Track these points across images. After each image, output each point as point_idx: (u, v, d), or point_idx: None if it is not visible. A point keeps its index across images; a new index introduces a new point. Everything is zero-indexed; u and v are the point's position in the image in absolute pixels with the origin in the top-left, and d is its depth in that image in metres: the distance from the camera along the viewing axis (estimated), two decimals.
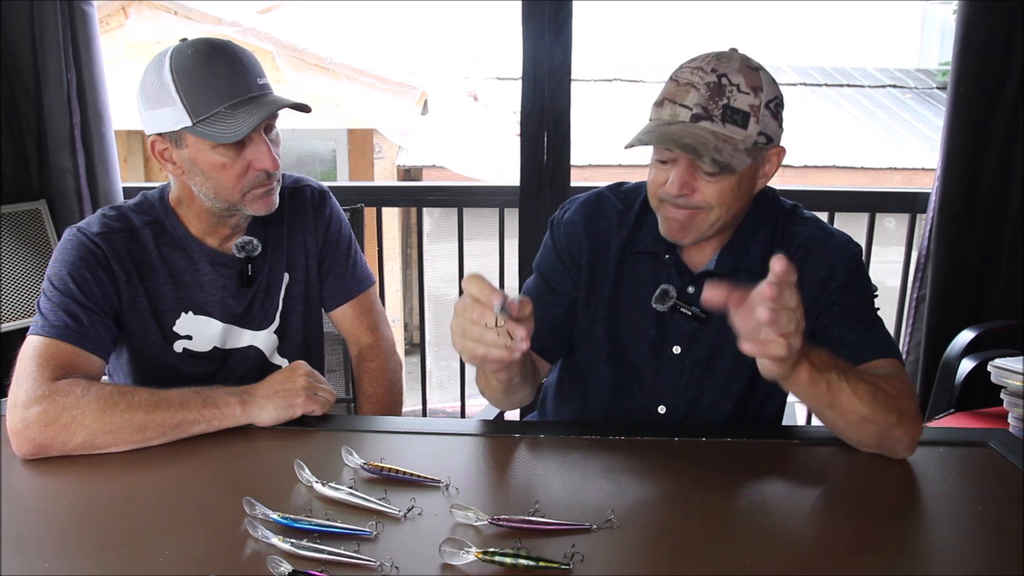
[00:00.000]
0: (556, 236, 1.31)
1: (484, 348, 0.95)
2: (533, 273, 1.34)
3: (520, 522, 0.89)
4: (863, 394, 1.02)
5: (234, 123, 1.17)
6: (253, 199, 1.25)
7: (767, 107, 1.12)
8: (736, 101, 1.10)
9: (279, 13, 6.17)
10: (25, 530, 0.90)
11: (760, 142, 1.12)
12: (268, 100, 1.21)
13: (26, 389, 1.09)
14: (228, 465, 1.06)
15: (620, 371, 1.27)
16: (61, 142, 2.24)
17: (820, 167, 6.04)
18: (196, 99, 1.17)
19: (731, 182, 1.13)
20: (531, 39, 2.20)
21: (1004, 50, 2.12)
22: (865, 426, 1.04)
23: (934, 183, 2.27)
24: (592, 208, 1.29)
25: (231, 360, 1.37)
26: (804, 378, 0.98)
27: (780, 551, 0.88)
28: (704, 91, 1.10)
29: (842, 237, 1.25)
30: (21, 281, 2.26)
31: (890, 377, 1.09)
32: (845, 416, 1.03)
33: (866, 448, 1.08)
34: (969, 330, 2.11)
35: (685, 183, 1.13)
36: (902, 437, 1.06)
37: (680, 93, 1.12)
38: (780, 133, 1.16)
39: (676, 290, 1.22)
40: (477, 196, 2.51)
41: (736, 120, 1.10)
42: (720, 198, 1.14)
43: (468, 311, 0.95)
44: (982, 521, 0.95)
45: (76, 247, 1.22)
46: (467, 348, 0.97)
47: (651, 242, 1.25)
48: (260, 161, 1.22)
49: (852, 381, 1.02)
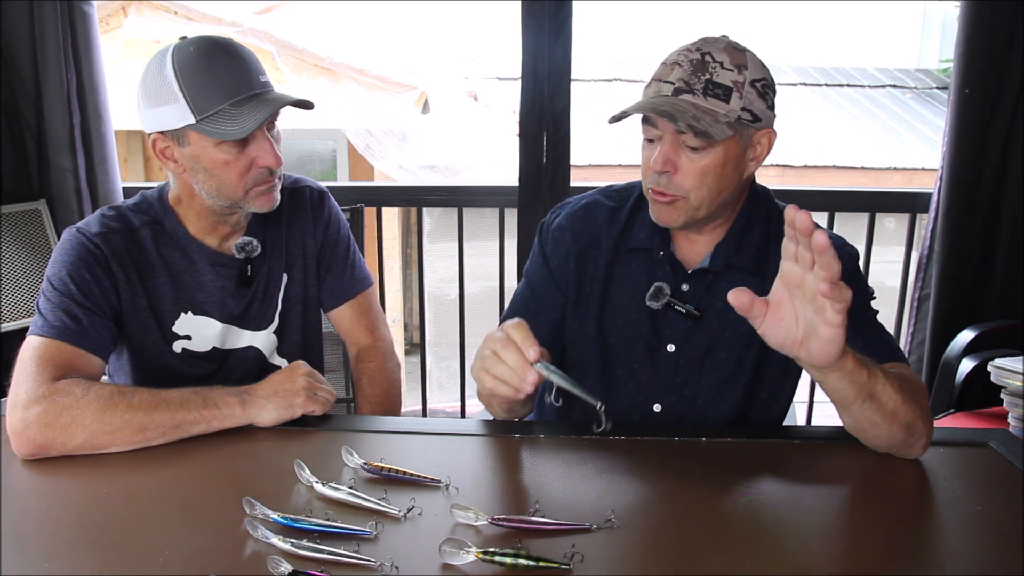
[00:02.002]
0: (544, 241, 1.32)
1: (492, 381, 1.01)
2: (522, 279, 1.35)
3: (520, 522, 0.89)
4: (897, 391, 1.01)
5: (239, 120, 1.17)
6: (256, 196, 1.25)
7: (752, 85, 1.12)
8: (719, 76, 1.11)
9: (279, 13, 6.16)
10: (25, 530, 0.90)
11: (745, 119, 1.12)
12: (271, 97, 1.21)
13: (26, 389, 1.09)
14: (228, 465, 1.06)
15: (614, 369, 1.27)
16: (61, 142, 2.24)
17: (820, 167, 6.04)
18: (199, 96, 1.17)
19: (715, 160, 1.13)
20: (531, 39, 2.20)
21: (1006, 50, 2.12)
22: (893, 423, 1.03)
23: (935, 183, 2.27)
24: (581, 211, 1.31)
25: (230, 360, 1.37)
26: (851, 364, 0.96)
27: (780, 551, 0.88)
28: (688, 67, 1.12)
29: (838, 240, 1.24)
30: (21, 281, 2.26)
31: (905, 373, 1.09)
32: (882, 407, 1.01)
33: (884, 447, 1.07)
34: (969, 330, 2.11)
35: (668, 160, 1.13)
36: (923, 432, 1.05)
37: (665, 72, 1.14)
38: (770, 116, 1.16)
39: (670, 287, 1.22)
40: (477, 196, 2.51)
41: (718, 94, 1.11)
42: (700, 178, 1.14)
43: (496, 344, 1.01)
44: (982, 521, 0.95)
45: (75, 247, 1.22)
46: (481, 377, 1.03)
47: (645, 238, 1.25)
48: (263, 158, 1.23)
49: (885, 376, 1.01)
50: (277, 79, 5.35)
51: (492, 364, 1.00)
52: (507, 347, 1.00)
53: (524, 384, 0.99)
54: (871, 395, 1.00)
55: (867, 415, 1.03)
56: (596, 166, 5.54)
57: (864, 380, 0.99)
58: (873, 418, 1.04)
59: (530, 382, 0.99)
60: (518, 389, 1.00)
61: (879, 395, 1.01)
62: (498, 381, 1.00)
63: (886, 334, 1.19)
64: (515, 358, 0.99)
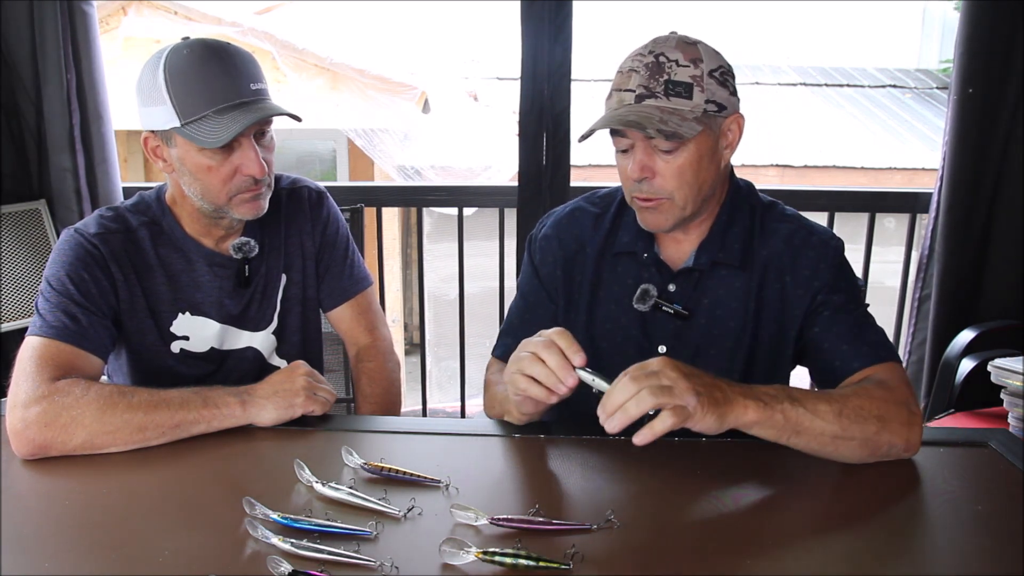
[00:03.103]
0: (532, 252, 1.34)
1: (526, 383, 1.03)
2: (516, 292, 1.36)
3: (520, 522, 0.89)
4: (826, 414, 1.01)
5: (219, 128, 1.17)
6: (239, 203, 1.25)
7: (711, 76, 1.13)
8: (676, 75, 1.11)
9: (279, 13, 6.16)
10: (25, 530, 0.90)
11: (710, 110, 1.13)
12: (257, 107, 1.20)
13: (25, 389, 1.09)
14: (228, 465, 1.06)
15: (607, 374, 1.27)
16: (61, 142, 2.24)
17: (820, 167, 6.04)
18: (185, 101, 1.17)
19: (690, 157, 1.13)
20: (530, 39, 2.19)
21: (1007, 50, 2.12)
22: (841, 443, 1.03)
23: (936, 183, 2.27)
24: (565, 219, 1.32)
25: (229, 361, 1.37)
26: (752, 416, 0.98)
27: (780, 551, 0.88)
28: (644, 72, 1.12)
29: (824, 233, 1.24)
30: (21, 281, 2.26)
31: (868, 387, 1.08)
32: (816, 439, 1.02)
33: (860, 461, 1.06)
34: (969, 330, 2.11)
35: (644, 166, 1.14)
36: (893, 442, 1.05)
37: (623, 80, 1.15)
38: (734, 101, 1.17)
39: (657, 288, 1.22)
40: (477, 196, 2.51)
41: (680, 92, 1.11)
42: (680, 178, 1.14)
43: (537, 346, 1.02)
44: (982, 521, 0.95)
45: (73, 248, 1.22)
46: (515, 379, 1.04)
47: (629, 241, 1.26)
48: (247, 167, 1.22)
49: (811, 404, 1.01)
50: (277, 79, 5.36)
51: (529, 364, 1.02)
52: (549, 348, 1.01)
53: (560, 386, 1.01)
54: (797, 432, 1.01)
55: (805, 445, 1.04)
56: (596, 166, 5.53)
57: (779, 422, 1.00)
58: (812, 448, 1.04)
59: (568, 385, 1.00)
60: (552, 391, 1.01)
61: (806, 431, 1.01)
62: (532, 382, 1.02)
63: (873, 333, 1.18)
64: (557, 360, 1.00)
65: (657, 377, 0.94)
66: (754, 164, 5.75)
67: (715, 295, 1.23)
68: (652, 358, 0.98)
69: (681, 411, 0.93)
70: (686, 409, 0.93)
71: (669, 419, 0.92)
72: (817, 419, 1.01)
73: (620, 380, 0.95)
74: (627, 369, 0.96)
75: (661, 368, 0.95)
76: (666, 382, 0.94)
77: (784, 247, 1.22)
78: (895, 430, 1.04)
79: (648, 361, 0.97)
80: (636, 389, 0.93)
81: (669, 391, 0.93)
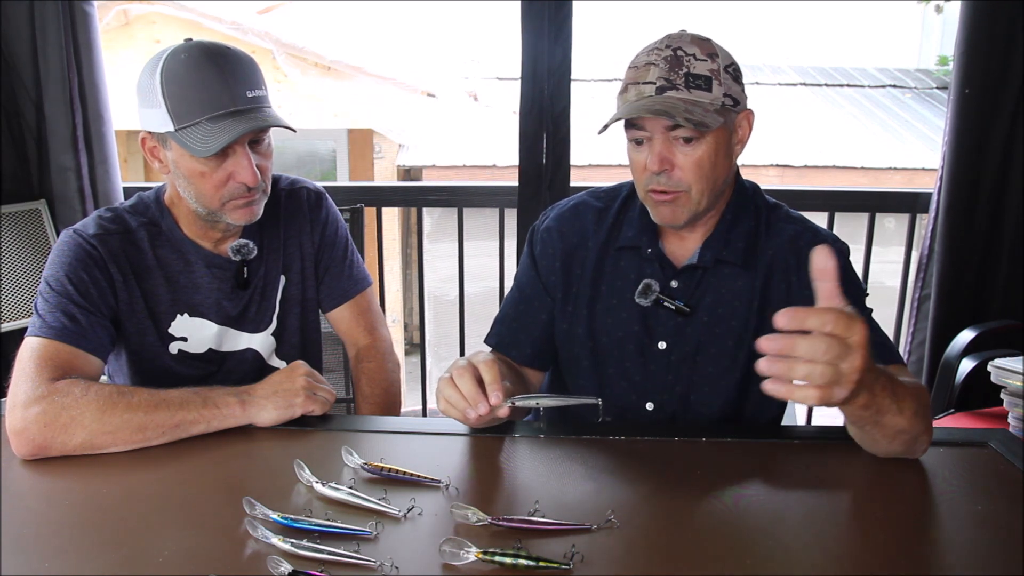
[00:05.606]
0: (532, 243, 1.34)
1: (444, 405, 1.03)
2: (513, 283, 1.36)
3: (520, 522, 0.89)
4: (907, 411, 0.97)
5: (211, 136, 1.16)
6: (233, 208, 1.25)
7: (726, 71, 1.15)
8: (696, 68, 1.12)
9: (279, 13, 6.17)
10: (25, 530, 0.90)
11: (727, 104, 1.14)
12: (251, 116, 1.19)
13: (25, 390, 1.09)
14: (228, 465, 1.06)
15: (606, 369, 1.27)
16: (62, 142, 2.24)
17: (820, 167, 6.04)
18: (179, 107, 1.17)
19: (708, 150, 1.14)
20: (530, 39, 2.19)
21: (1006, 50, 2.12)
22: (899, 438, 1.02)
23: (936, 183, 2.27)
24: (568, 212, 1.31)
25: (228, 362, 1.37)
26: (861, 402, 0.90)
27: (780, 551, 0.88)
28: (664, 65, 1.13)
29: (828, 236, 1.25)
30: (21, 281, 2.26)
31: (918, 385, 1.07)
32: (884, 431, 1.00)
33: (882, 455, 1.06)
34: (969, 330, 2.11)
35: (664, 158, 1.14)
36: (925, 440, 1.05)
37: (641, 74, 1.15)
38: (745, 97, 1.19)
39: (659, 284, 1.22)
40: (477, 196, 2.51)
41: (700, 85, 1.12)
42: (699, 170, 1.14)
43: (456, 370, 1.02)
44: (982, 521, 0.95)
45: (72, 248, 1.22)
46: (437, 398, 1.05)
47: (633, 236, 1.26)
48: (240, 174, 1.21)
49: (900, 401, 0.96)
50: (277, 79, 5.36)
51: (444, 387, 1.02)
52: (463, 376, 1.00)
53: (469, 413, 1.00)
54: (876, 423, 0.98)
55: (862, 436, 1.04)
56: (596, 166, 5.53)
57: (871, 415, 0.95)
58: (873, 436, 1.03)
59: (480, 413, 1.00)
60: (465, 418, 1.02)
61: (884, 425, 0.98)
62: (449, 406, 1.02)
63: (881, 335, 1.19)
64: (469, 387, 1.00)
65: (846, 358, 0.81)
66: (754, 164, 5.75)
67: (717, 293, 1.23)
68: (855, 320, 0.82)
69: (823, 399, 0.83)
70: (833, 398, 0.83)
71: (812, 398, 0.82)
72: (899, 416, 0.97)
73: (816, 338, 0.80)
74: (829, 315, 0.81)
75: (857, 347, 0.81)
76: (844, 367, 0.82)
77: (789, 248, 1.22)
78: (929, 431, 1.05)
79: (852, 323, 0.81)
80: (817, 363, 0.81)
81: (836, 380, 0.82)
